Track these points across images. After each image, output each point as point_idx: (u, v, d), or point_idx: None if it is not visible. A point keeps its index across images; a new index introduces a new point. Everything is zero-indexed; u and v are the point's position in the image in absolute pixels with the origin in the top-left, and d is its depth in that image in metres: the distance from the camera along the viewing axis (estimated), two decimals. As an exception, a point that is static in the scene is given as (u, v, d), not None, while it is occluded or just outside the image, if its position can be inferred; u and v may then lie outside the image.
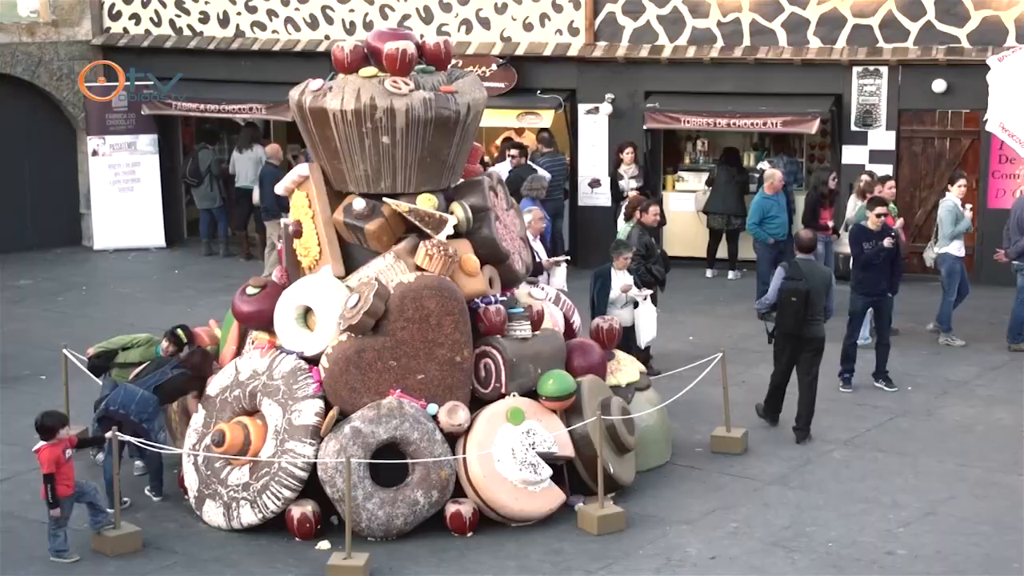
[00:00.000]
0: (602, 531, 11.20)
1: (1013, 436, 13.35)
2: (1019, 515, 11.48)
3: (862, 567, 10.60)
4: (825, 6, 19.37)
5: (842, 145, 19.67)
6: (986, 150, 18.89)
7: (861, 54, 19.23)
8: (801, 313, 13.18)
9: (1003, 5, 18.60)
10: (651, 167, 20.37)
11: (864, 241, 14.72)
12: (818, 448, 13.12)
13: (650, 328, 14.36)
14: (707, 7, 19.94)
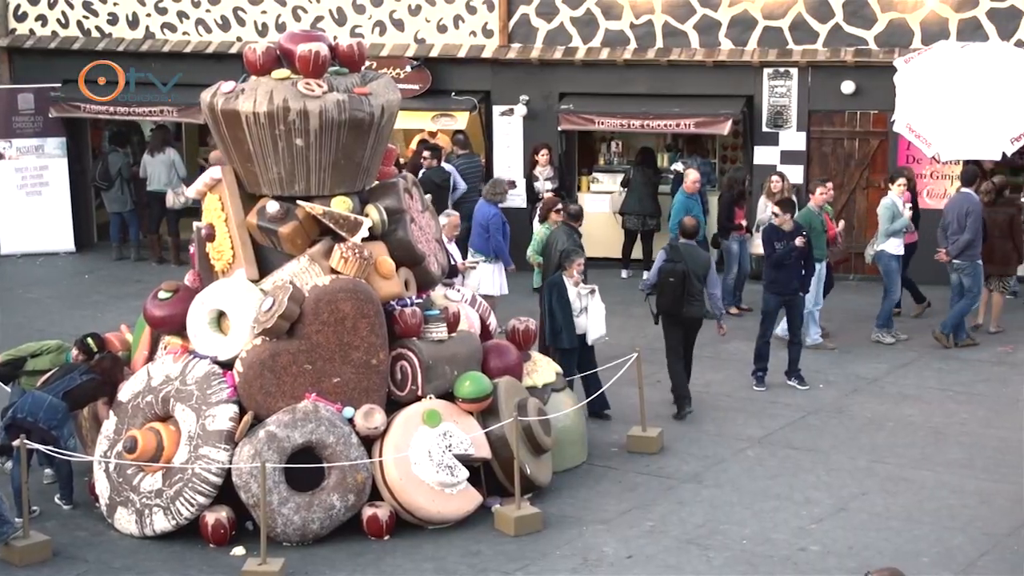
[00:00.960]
0: (519, 532, 11.22)
1: (922, 432, 13.58)
2: (928, 509, 11.68)
3: (775, 564, 10.71)
4: (736, 8, 19.57)
5: (754, 146, 19.88)
6: (894, 151, 19.17)
7: (772, 56, 19.44)
8: (678, 293, 14.01)
9: (909, 8, 18.91)
10: (566, 168, 20.44)
11: (776, 241, 14.87)
12: (732, 446, 13.24)
13: (598, 325, 13.97)
14: (620, 9, 20.06)
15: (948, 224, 16.38)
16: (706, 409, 14.27)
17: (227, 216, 11.87)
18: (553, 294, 13.75)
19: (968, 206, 16.27)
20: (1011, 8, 18.46)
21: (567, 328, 13.62)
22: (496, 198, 16.94)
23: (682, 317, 14.09)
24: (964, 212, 16.21)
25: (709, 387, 15.03)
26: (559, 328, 13.67)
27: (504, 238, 16.45)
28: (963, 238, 16.15)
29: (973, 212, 16.22)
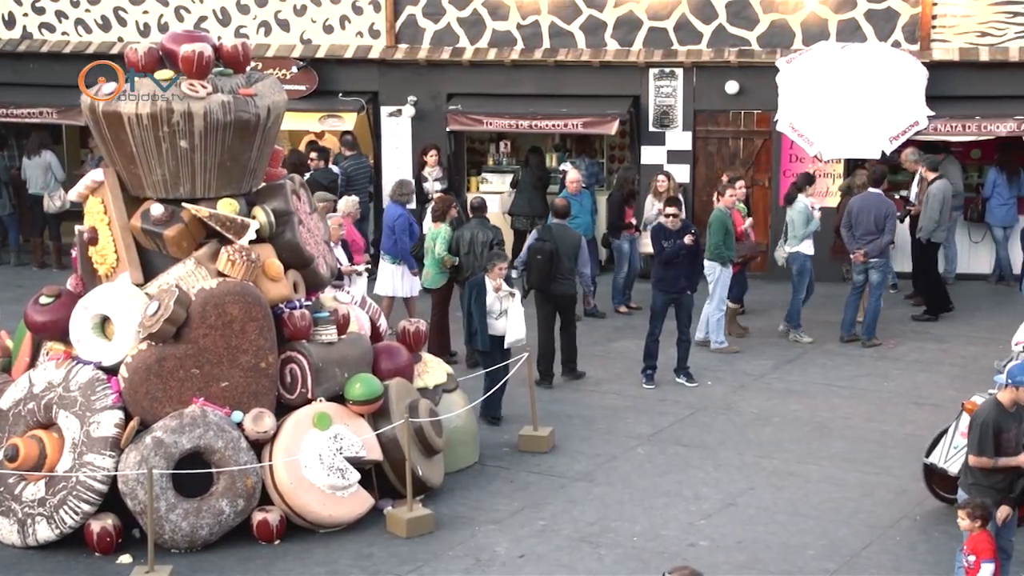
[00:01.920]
0: (411, 534, 11.19)
1: (807, 427, 13.79)
2: (814, 503, 11.87)
3: (665, 560, 10.80)
4: (621, 9, 19.72)
5: (641, 146, 20.05)
6: (777, 150, 19.48)
7: (657, 56, 19.63)
8: (546, 270, 14.89)
9: (790, 9, 19.22)
10: (455, 169, 20.44)
11: (664, 239, 14.99)
12: (622, 444, 13.34)
13: (517, 329, 13.81)
14: (507, 9, 20.11)
15: (857, 224, 16.53)
16: (596, 407, 14.36)
17: (110, 219, 11.67)
18: (472, 295, 13.72)
19: (885, 208, 16.50)
20: (888, 10, 18.86)
21: (481, 330, 13.60)
22: (403, 199, 16.90)
23: (551, 294, 14.96)
24: (883, 214, 16.40)
25: (599, 385, 15.13)
26: (475, 329, 13.68)
27: (412, 239, 16.39)
28: (883, 239, 16.40)
29: (891, 214, 16.49)
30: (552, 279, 14.93)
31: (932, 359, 15.84)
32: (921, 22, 18.76)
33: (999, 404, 9.67)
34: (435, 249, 15.65)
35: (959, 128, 18.30)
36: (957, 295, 17.94)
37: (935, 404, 14.07)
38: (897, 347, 16.36)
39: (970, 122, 18.25)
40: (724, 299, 16.28)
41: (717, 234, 16.02)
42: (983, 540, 9.11)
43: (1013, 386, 9.59)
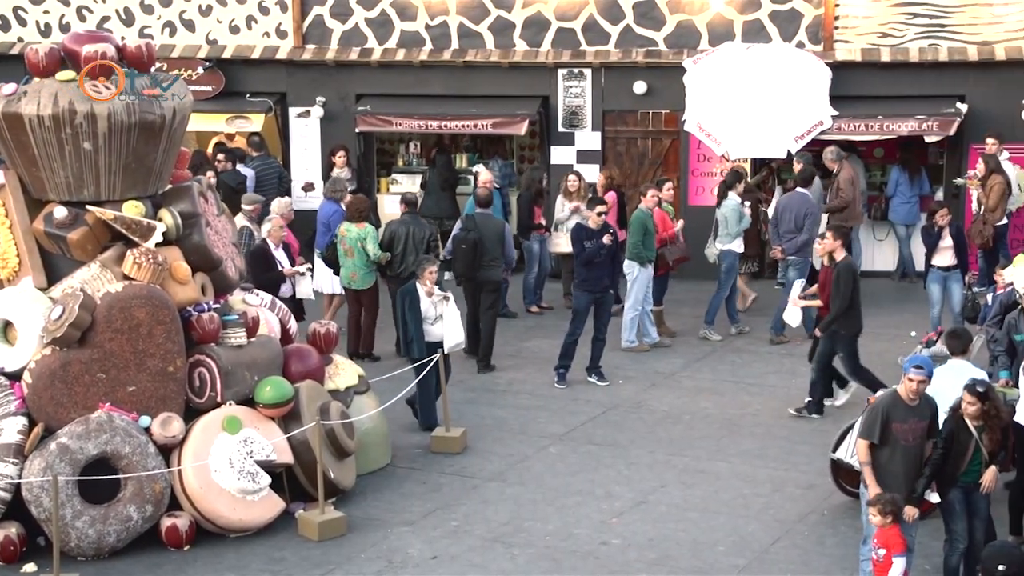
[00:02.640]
0: (323, 537, 11.12)
1: (717, 424, 13.92)
2: (724, 499, 11.97)
3: (578, 558, 10.85)
4: (530, 9, 19.77)
5: (551, 146, 20.11)
6: (685, 149, 19.64)
7: (565, 56, 19.71)
8: (471, 258, 15.61)
9: (696, 10, 19.39)
10: (364, 170, 20.36)
11: (586, 240, 15.04)
12: (534, 444, 13.36)
13: (455, 333, 13.68)
14: (415, 10, 20.07)
15: (781, 222, 16.77)
16: (508, 408, 14.37)
17: (11, 222, 11.46)
18: (405, 303, 13.51)
19: (807, 207, 16.72)
20: (791, 11, 19.09)
21: (417, 338, 13.43)
22: (337, 195, 16.84)
23: (478, 281, 15.61)
24: (803, 213, 16.62)
25: (511, 385, 15.15)
26: (410, 339, 13.51)
27: None
28: (800, 238, 16.60)
29: (812, 214, 16.71)
30: (478, 267, 15.61)
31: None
32: (824, 23, 19.02)
33: (896, 394, 9.81)
34: (367, 249, 15.66)
35: (862, 128, 18.59)
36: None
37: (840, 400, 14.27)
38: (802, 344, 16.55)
39: (873, 122, 18.54)
40: (640, 299, 16.38)
41: (637, 234, 16.14)
42: (894, 535, 9.23)
43: (905, 376, 9.75)
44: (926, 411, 9.87)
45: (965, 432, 9.76)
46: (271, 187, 19.23)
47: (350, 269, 15.82)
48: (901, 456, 9.74)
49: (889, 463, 9.74)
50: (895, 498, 9.36)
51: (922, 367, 9.77)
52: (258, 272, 15.05)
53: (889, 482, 9.66)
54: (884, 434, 9.69)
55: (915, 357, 9.93)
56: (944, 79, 18.79)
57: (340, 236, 15.85)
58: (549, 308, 18.21)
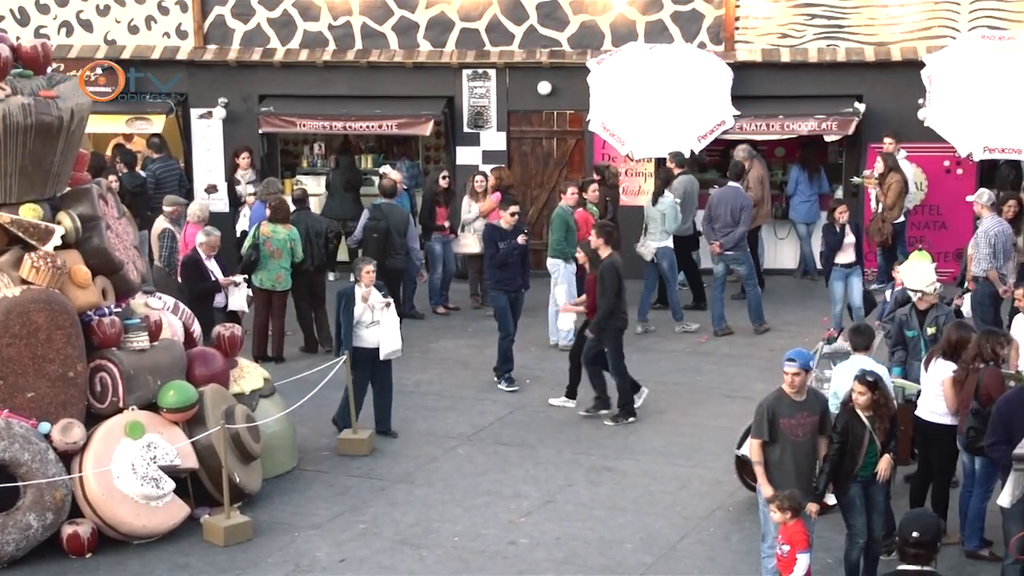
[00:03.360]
0: (229, 542, 11.01)
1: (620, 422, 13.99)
2: (631, 497, 12.05)
3: (486, 559, 10.86)
4: (433, 10, 19.74)
5: (456, 146, 20.10)
6: (590, 149, 19.73)
7: (470, 57, 19.71)
8: (382, 247, 16.21)
9: (599, 10, 19.49)
10: (269, 171, 20.17)
11: (499, 240, 15.05)
12: (442, 445, 13.35)
13: (391, 340, 13.34)
14: (317, 10, 19.95)
15: (716, 217, 16.94)
16: (416, 409, 14.33)
17: (-95, 227, 11.21)
18: (341, 304, 13.31)
19: (742, 200, 16.97)
20: (693, 12, 19.26)
21: (347, 341, 13.22)
22: (271, 198, 16.72)
23: (386, 269, 15.67)
24: (739, 207, 16.87)
25: (419, 387, 15.11)
26: (342, 340, 13.33)
27: None
28: (738, 231, 16.84)
29: (747, 207, 16.97)
30: (387, 255, 16.10)
31: (742, 353, 16.22)
32: (725, 24, 19.21)
33: (780, 390, 9.88)
34: (296, 250, 15.77)
35: (763, 127, 18.81)
36: (764, 289, 18.36)
37: (745, 397, 14.38)
38: (708, 342, 16.71)
39: (774, 121, 18.77)
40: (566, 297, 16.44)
41: (559, 231, 16.24)
42: (797, 531, 9.32)
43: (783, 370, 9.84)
44: (815, 405, 9.94)
45: (859, 424, 9.91)
46: (171, 189, 18.95)
47: (275, 271, 15.75)
48: (792, 452, 9.81)
49: (781, 460, 9.80)
50: (794, 494, 9.45)
51: (795, 360, 9.84)
52: (191, 283, 14.92)
53: (783, 479, 9.73)
54: (773, 431, 9.76)
55: (797, 352, 10.02)
56: (842, 79, 19.06)
57: (265, 237, 15.72)
58: (455, 309, 18.20)
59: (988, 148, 17.82)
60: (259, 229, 15.84)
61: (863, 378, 9.90)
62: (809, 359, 10.05)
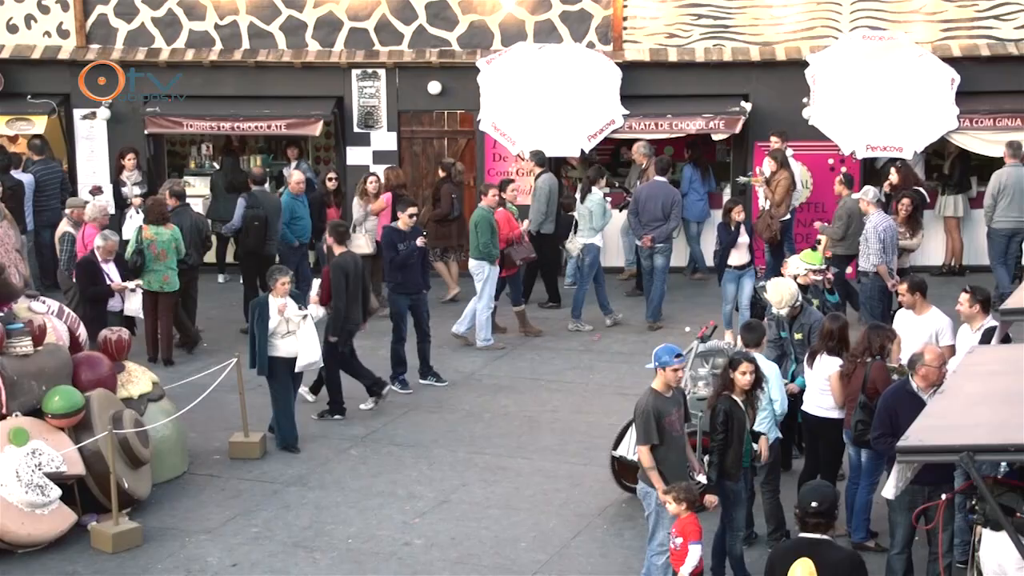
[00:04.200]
0: (117, 548, 10.84)
1: (517, 421, 14.03)
2: (525, 496, 12.08)
3: (381, 560, 10.82)
4: (321, 9, 19.62)
5: (346, 146, 19.99)
6: (481, 149, 19.74)
7: (359, 57, 19.61)
8: (262, 234, 16.57)
9: (488, 10, 19.51)
10: (155, 173, 19.89)
11: (399, 242, 14.94)
12: (335, 446, 13.26)
13: (309, 352, 13.10)
14: (203, 9, 19.72)
15: (644, 211, 17.07)
16: (308, 410, 14.21)
17: None
18: (255, 314, 13.04)
19: (673, 195, 17.20)
20: (581, 12, 19.37)
21: (260, 353, 12.95)
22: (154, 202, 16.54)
23: (263, 255, 16.19)
24: (670, 201, 17.06)
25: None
26: (255, 352, 13.05)
27: None
28: (669, 225, 17.04)
29: (677, 201, 17.20)
30: (267, 242, 16.53)
31: (634, 351, 16.32)
32: (613, 24, 19.35)
33: (655, 391, 9.94)
34: (180, 249, 15.61)
35: (652, 126, 18.98)
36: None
37: (637, 394, 14.38)
38: (601, 340, 16.81)
39: (662, 120, 18.94)
40: (492, 297, 16.45)
41: (484, 233, 16.25)
42: (690, 522, 9.42)
43: (660, 368, 9.93)
44: (680, 398, 10.12)
45: (738, 410, 10.06)
46: (53, 192, 18.60)
47: (162, 272, 15.52)
48: (674, 447, 9.93)
49: (667, 457, 9.88)
50: (689, 486, 9.56)
51: (681, 355, 10.00)
52: (85, 285, 14.62)
53: (671, 474, 9.83)
54: (660, 432, 9.87)
55: (668, 347, 10.10)
56: (729, 79, 19.30)
57: (148, 240, 15.46)
58: (347, 310, 18.07)
59: (870, 146, 18.21)
60: (141, 233, 15.60)
61: (747, 355, 10.11)
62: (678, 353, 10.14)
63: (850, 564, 7.69)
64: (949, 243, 19.15)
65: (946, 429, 7.11)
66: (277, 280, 13.13)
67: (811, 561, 7.59)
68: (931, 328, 11.88)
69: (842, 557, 7.74)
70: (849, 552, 8.04)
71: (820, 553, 7.64)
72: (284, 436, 13.20)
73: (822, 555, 7.63)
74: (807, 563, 7.59)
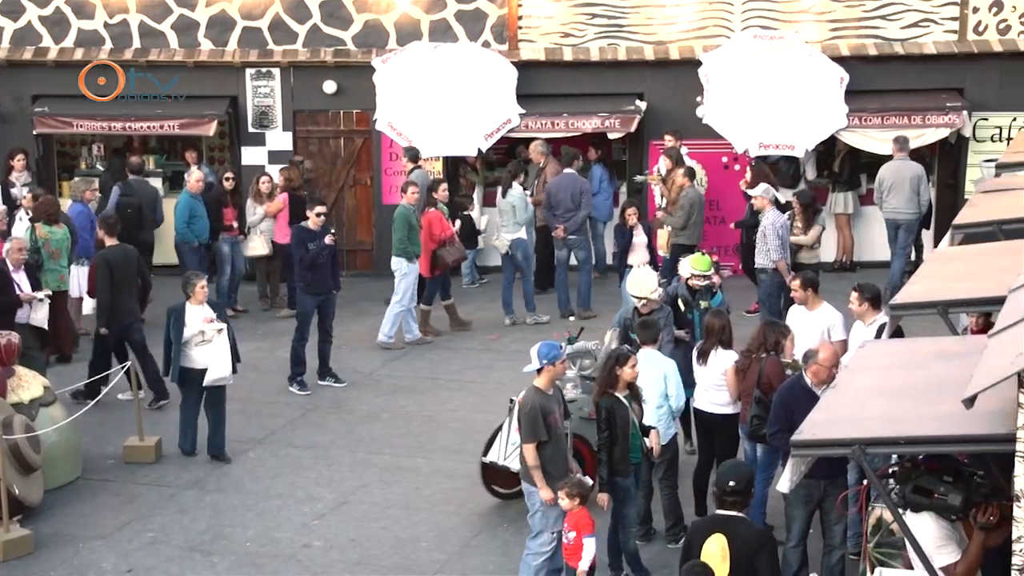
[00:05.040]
0: (8, 556, 10.66)
1: (416, 421, 14.01)
2: (425, 496, 12.07)
3: (280, 563, 10.74)
4: (214, 8, 19.41)
5: (241, 146, 19.80)
6: (377, 148, 19.67)
7: (253, 56, 19.43)
8: (135, 221, 16.77)
9: (382, 9, 19.44)
10: (45, 174, 19.53)
11: (308, 242, 14.81)
12: (233, 449, 13.11)
13: (220, 366, 12.70)
14: (92, 8, 19.40)
15: (557, 203, 17.25)
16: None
17: None
18: (170, 321, 12.70)
19: (581, 185, 17.43)
20: (476, 11, 19.38)
21: (174, 361, 12.68)
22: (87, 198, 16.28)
23: (138, 242, 15.94)
24: (579, 191, 17.30)
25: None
26: (169, 360, 12.79)
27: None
28: (580, 214, 17.28)
29: (586, 190, 17.50)
30: (141, 229, 16.76)
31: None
32: (508, 23, 19.38)
33: (538, 389, 9.98)
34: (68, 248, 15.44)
35: (548, 125, 19.05)
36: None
37: (536, 391, 14.57)
38: (499, 339, 16.84)
39: (558, 119, 19.02)
40: (408, 296, 16.38)
41: (401, 230, 16.23)
42: (583, 516, 9.49)
43: (548, 364, 9.95)
44: (560, 396, 10.21)
45: (621, 406, 10.14)
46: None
47: (59, 271, 15.29)
48: (559, 445, 10.01)
49: (553, 455, 9.94)
50: (581, 481, 9.63)
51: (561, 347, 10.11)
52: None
53: (556, 471, 9.88)
54: (548, 429, 9.91)
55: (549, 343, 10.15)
56: (624, 77, 19.43)
57: (43, 240, 15.19)
58: (244, 311, 17.91)
59: (763, 144, 18.44)
60: (35, 232, 15.31)
61: (631, 353, 10.21)
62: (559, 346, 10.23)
63: (759, 541, 7.96)
64: (840, 240, 19.46)
65: (838, 423, 7.21)
66: (195, 285, 12.77)
67: (724, 536, 7.89)
68: (823, 324, 12.08)
69: (753, 534, 8.00)
70: (760, 530, 8.27)
71: (733, 529, 7.93)
72: (184, 443, 12.97)
73: (735, 531, 7.92)
74: (720, 538, 7.89)
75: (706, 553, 7.90)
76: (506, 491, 11.67)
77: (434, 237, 16.51)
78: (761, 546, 7.92)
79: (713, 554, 7.87)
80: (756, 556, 7.84)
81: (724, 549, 7.86)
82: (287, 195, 17.75)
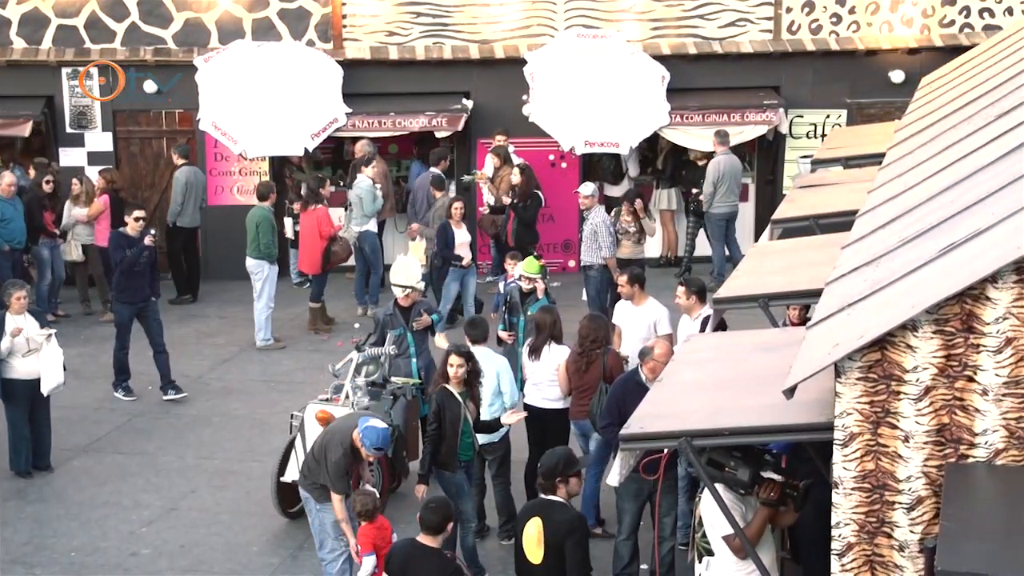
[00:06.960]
0: None
1: (247, 424, 13.86)
2: (256, 499, 11.93)
3: (107, 572, 10.53)
4: (26, 6, 18.88)
5: (59, 147, 19.30)
6: (202, 149, 19.36)
7: (69, 55, 18.95)
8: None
9: (204, 7, 19.14)
10: None
11: (126, 247, 14.40)
12: (56, 457, 12.79)
13: (53, 374, 12.25)
14: None
15: (417, 200, 17.55)
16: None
17: None
18: None
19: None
20: (300, 9, 19.21)
21: None
22: None
23: None
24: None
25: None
26: None
27: None
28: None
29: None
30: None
31: (363, 348, 16.33)
32: (333, 22, 19.26)
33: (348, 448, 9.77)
34: None
35: (376, 124, 18.99)
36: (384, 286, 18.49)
37: (368, 391, 14.53)
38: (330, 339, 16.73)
39: (385, 118, 18.97)
40: (272, 297, 16.28)
41: (266, 233, 16.12)
42: (364, 534, 9.32)
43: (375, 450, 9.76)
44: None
45: (453, 402, 10.18)
46: None
47: None
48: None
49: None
50: (375, 496, 9.51)
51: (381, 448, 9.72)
52: None
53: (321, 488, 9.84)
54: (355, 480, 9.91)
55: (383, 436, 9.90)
56: (450, 76, 19.47)
57: None
58: (65, 316, 17.46)
59: (588, 142, 18.69)
60: None
61: (459, 350, 10.25)
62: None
63: (569, 524, 8.21)
64: (665, 235, 19.82)
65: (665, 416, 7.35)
66: (12, 295, 12.30)
67: (541, 520, 8.18)
68: (649, 318, 12.29)
69: (566, 518, 8.25)
70: (574, 515, 8.44)
71: (549, 513, 8.23)
72: (17, 463, 12.47)
73: (550, 515, 8.22)
74: (537, 522, 8.20)
75: (526, 536, 8.21)
76: (295, 509, 11.32)
77: (323, 234, 16.52)
78: (570, 531, 8.17)
79: (530, 537, 8.18)
80: (565, 540, 8.11)
81: (540, 532, 8.14)
82: (108, 197, 17.36)
